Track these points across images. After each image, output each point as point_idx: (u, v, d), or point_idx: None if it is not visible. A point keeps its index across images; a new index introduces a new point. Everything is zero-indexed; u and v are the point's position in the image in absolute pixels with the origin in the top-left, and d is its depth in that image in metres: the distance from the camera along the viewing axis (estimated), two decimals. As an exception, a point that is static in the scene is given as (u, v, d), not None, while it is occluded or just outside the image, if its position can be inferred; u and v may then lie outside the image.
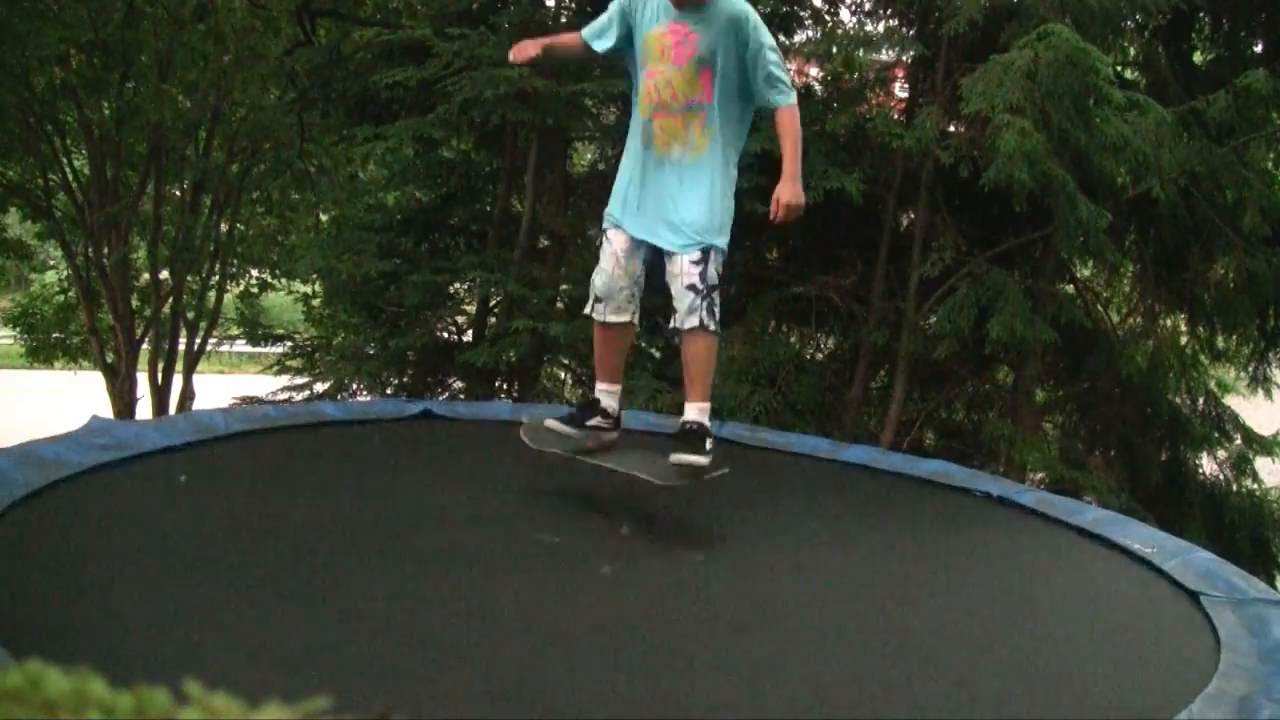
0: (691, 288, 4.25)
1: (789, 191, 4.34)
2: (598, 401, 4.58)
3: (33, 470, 4.06)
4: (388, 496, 4.59)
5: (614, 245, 4.45)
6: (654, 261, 4.48)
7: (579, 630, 3.47)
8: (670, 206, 4.33)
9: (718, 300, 4.31)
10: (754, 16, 4.33)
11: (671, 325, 4.42)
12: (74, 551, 3.61)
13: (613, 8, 4.50)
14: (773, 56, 4.35)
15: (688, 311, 4.26)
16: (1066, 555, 4.89)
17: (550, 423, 4.55)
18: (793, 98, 4.44)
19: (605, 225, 4.53)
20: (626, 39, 4.47)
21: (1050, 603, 4.25)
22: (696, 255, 4.26)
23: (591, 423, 4.56)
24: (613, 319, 4.48)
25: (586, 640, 3.40)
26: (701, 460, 4.26)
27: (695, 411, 4.38)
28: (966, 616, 3.94)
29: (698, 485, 4.79)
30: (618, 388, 4.65)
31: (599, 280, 4.46)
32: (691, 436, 4.33)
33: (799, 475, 5.79)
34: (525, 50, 4.50)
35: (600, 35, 4.55)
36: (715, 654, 3.39)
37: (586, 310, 4.53)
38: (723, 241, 4.33)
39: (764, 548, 4.52)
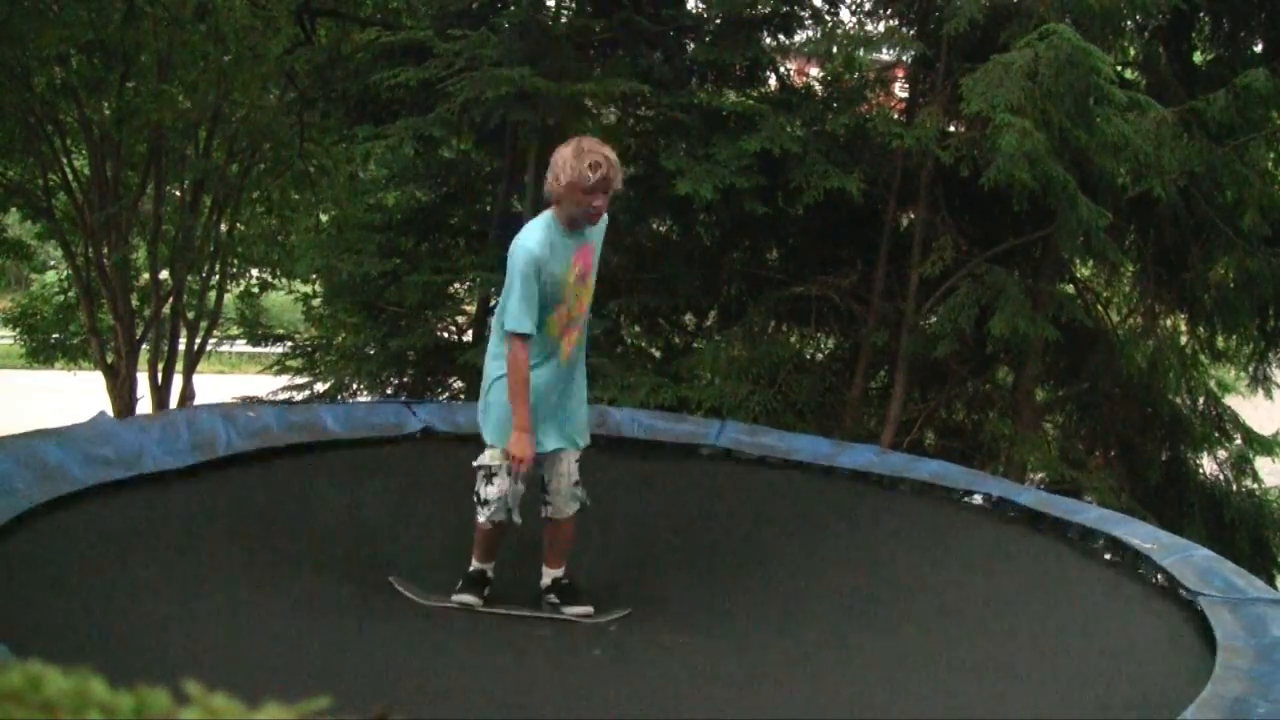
0: (577, 483, 4.56)
1: None
2: (485, 573, 4.60)
3: (35, 480, 4.05)
4: (383, 520, 4.61)
5: (523, 469, 4.49)
6: None
7: (579, 648, 3.48)
8: (567, 411, 4.60)
9: None
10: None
11: (545, 516, 4.60)
12: (76, 561, 3.62)
13: (529, 284, 4.34)
14: None
15: (570, 501, 4.56)
16: (1066, 558, 4.89)
17: (461, 598, 4.50)
18: None
19: (499, 451, 4.49)
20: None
21: (1049, 608, 4.25)
22: (578, 455, 4.59)
23: (487, 593, 4.58)
24: (503, 520, 4.53)
25: (585, 658, 3.40)
26: (589, 609, 4.46)
27: (560, 572, 4.61)
28: (964, 620, 3.95)
29: (699, 515, 4.82)
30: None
31: (512, 500, 4.46)
32: (570, 589, 4.56)
33: (799, 487, 5.76)
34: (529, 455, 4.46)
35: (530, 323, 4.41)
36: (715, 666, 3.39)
37: (498, 520, 4.49)
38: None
39: (765, 566, 4.53)
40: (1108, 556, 4.73)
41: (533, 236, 4.40)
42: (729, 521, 5.24)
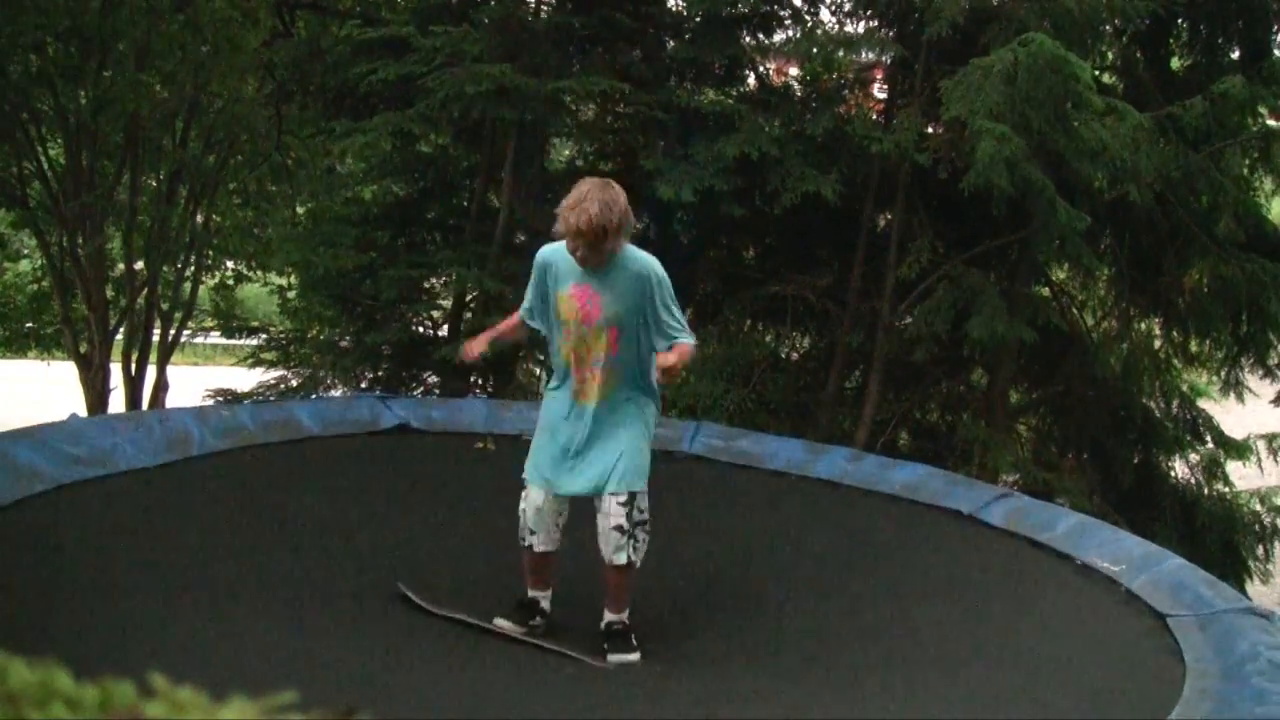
0: (619, 528, 4.39)
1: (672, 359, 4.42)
2: (537, 602, 4.57)
3: (6, 481, 4.03)
4: (358, 512, 4.59)
5: (539, 498, 4.49)
6: None
7: (550, 659, 3.47)
8: (593, 455, 4.45)
9: (641, 534, 4.45)
10: (657, 272, 4.44)
11: (602, 554, 4.48)
12: (47, 560, 3.59)
13: (533, 279, 4.64)
14: (668, 319, 4.45)
15: (615, 549, 4.41)
16: (1036, 580, 4.89)
17: (499, 622, 4.47)
18: (690, 339, 4.54)
19: (527, 480, 4.55)
20: (545, 300, 4.60)
21: (1018, 633, 4.25)
22: (624, 497, 4.40)
23: (534, 622, 4.54)
24: (545, 549, 4.51)
25: (557, 671, 3.40)
26: (634, 658, 4.37)
27: (615, 617, 4.48)
28: (934, 641, 3.95)
29: (683, 517, 4.83)
30: (549, 591, 4.64)
31: (530, 516, 4.49)
32: (620, 637, 4.43)
33: (771, 495, 5.77)
34: (472, 349, 4.76)
35: (533, 313, 4.69)
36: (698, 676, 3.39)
37: (522, 538, 4.52)
38: (643, 484, 4.48)
39: (741, 577, 4.54)
40: (1076, 580, 4.75)
41: (553, 244, 4.54)
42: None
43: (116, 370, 14.09)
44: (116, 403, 13.80)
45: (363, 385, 10.27)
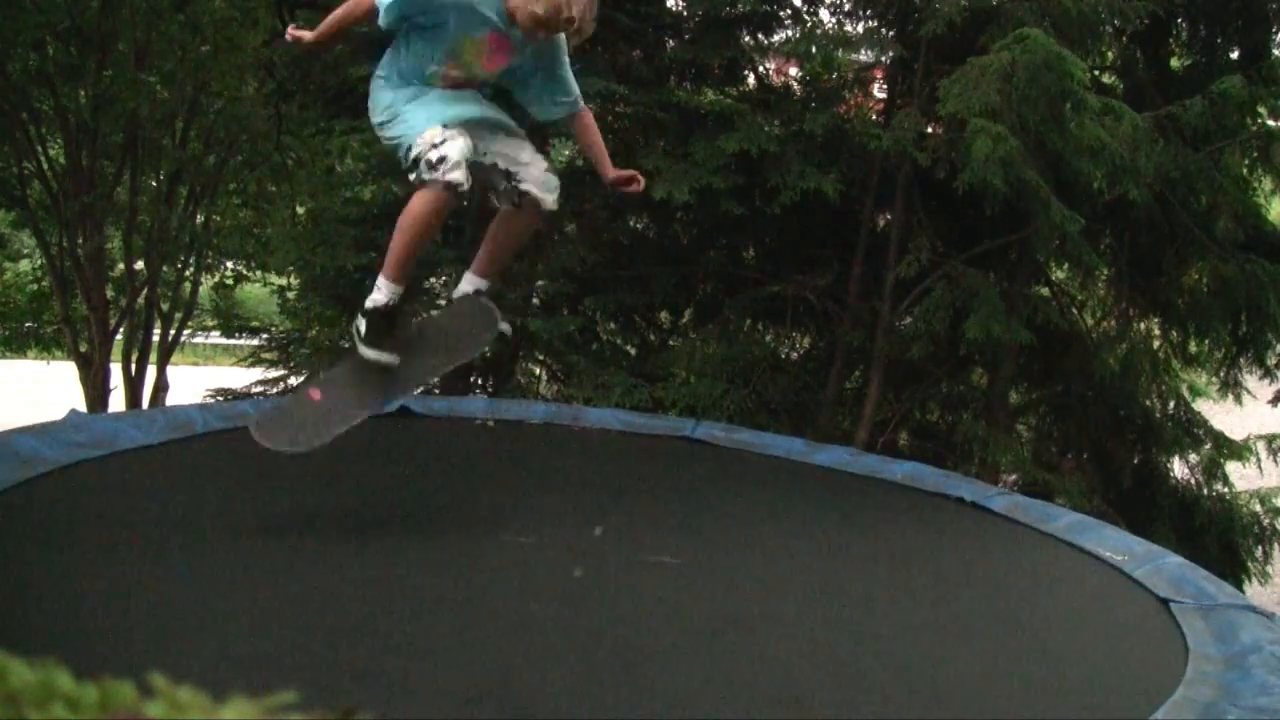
0: (552, 170, 4.39)
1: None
2: (392, 306, 4.29)
3: (7, 466, 4.04)
4: (360, 495, 4.58)
5: (457, 131, 4.07)
6: None
7: (550, 632, 3.47)
8: (490, 111, 4.33)
9: None
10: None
11: (511, 202, 4.36)
12: (45, 548, 3.59)
13: None
14: (567, 76, 4.60)
15: (550, 189, 4.36)
16: (1038, 561, 4.91)
17: (369, 354, 4.17)
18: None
19: (438, 126, 4.07)
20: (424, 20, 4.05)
21: (1021, 609, 4.26)
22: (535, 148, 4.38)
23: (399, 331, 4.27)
24: (463, 181, 4.04)
25: (558, 643, 3.40)
26: (506, 328, 4.46)
27: (485, 282, 4.54)
28: (937, 622, 3.95)
29: (673, 486, 4.80)
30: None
31: (455, 147, 4.00)
32: (488, 305, 4.47)
33: (773, 477, 5.79)
34: (301, 33, 4.25)
35: (398, 20, 4.03)
36: (687, 657, 3.39)
37: (439, 175, 4.03)
38: None
39: (739, 551, 4.53)
40: (1079, 563, 4.76)
41: None
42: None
43: (116, 370, 14.10)
44: (116, 402, 13.81)
45: (363, 385, 10.27)
